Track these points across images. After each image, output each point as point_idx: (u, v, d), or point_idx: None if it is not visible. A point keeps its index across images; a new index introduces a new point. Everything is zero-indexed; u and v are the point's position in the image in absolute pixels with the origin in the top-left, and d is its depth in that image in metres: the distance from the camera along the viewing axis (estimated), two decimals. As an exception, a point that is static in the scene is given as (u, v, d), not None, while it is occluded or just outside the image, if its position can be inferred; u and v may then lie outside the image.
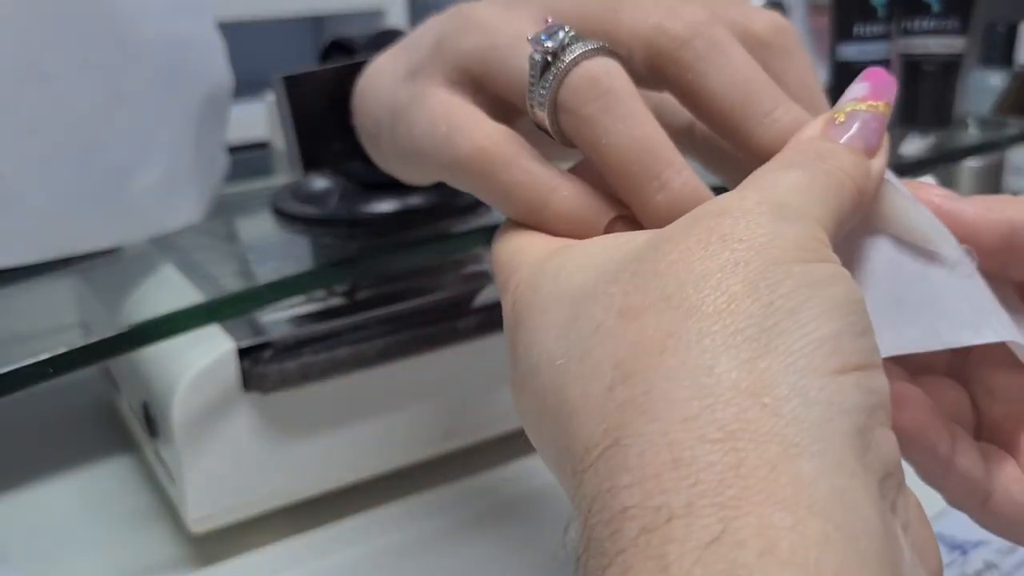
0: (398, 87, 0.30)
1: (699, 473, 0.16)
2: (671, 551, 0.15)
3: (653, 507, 0.16)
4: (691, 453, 0.16)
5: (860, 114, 0.23)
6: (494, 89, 0.27)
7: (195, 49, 0.45)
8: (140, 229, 0.43)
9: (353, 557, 0.41)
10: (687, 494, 0.16)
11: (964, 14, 0.59)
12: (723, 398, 0.17)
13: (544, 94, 0.24)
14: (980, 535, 0.40)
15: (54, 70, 0.38)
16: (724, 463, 0.16)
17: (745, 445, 0.16)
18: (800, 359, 0.17)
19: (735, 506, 0.15)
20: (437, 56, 0.28)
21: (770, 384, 0.17)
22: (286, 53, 1.02)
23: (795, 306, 0.18)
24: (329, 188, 0.46)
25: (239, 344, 0.39)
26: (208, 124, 0.45)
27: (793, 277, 0.18)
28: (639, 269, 0.20)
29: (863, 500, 0.16)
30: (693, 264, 0.19)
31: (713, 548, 0.15)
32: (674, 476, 0.16)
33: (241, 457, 0.39)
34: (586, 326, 0.20)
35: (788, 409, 0.17)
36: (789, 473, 0.16)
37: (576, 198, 0.24)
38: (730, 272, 0.18)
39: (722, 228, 0.19)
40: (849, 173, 0.22)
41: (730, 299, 0.18)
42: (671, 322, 0.18)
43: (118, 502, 0.45)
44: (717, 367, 0.17)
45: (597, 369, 0.19)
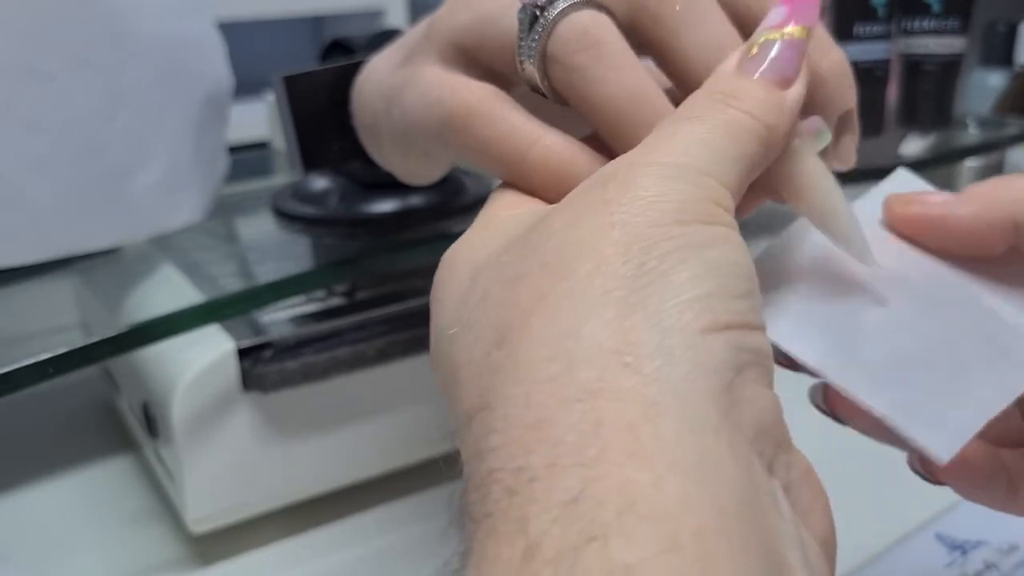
0: (393, 74, 0.30)
1: (561, 435, 0.16)
2: (531, 511, 0.15)
3: (515, 468, 0.16)
4: (552, 414, 0.16)
5: (773, 44, 0.23)
6: (486, 60, 0.26)
7: (195, 49, 0.45)
8: (140, 229, 0.43)
9: (353, 557, 0.41)
10: (549, 455, 0.16)
11: (964, 14, 0.59)
12: (584, 358, 0.17)
13: (533, 46, 0.24)
14: (980, 535, 0.40)
15: (54, 70, 0.38)
16: (585, 423, 0.16)
17: (606, 405, 0.16)
18: (667, 318, 0.17)
19: (595, 466, 0.15)
20: (429, 38, 0.28)
21: (634, 343, 0.17)
22: (286, 53, 1.02)
23: (669, 268, 0.18)
24: (329, 188, 0.46)
25: (239, 344, 0.39)
26: (208, 124, 0.45)
27: (672, 239, 0.18)
28: (528, 237, 0.20)
29: (726, 457, 0.16)
30: (573, 230, 0.19)
31: (572, 507, 0.15)
32: (536, 437, 0.16)
33: (241, 457, 0.39)
34: (476, 295, 0.20)
35: (651, 368, 0.17)
36: (649, 432, 0.16)
37: (558, 148, 0.24)
38: (604, 235, 0.18)
39: (607, 193, 0.19)
40: (755, 114, 0.21)
41: (600, 261, 0.18)
42: (544, 286, 0.18)
43: (118, 502, 0.45)
44: (583, 328, 0.17)
45: (480, 336, 0.19)
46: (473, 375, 0.19)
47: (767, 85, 0.22)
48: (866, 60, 0.58)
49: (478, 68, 0.27)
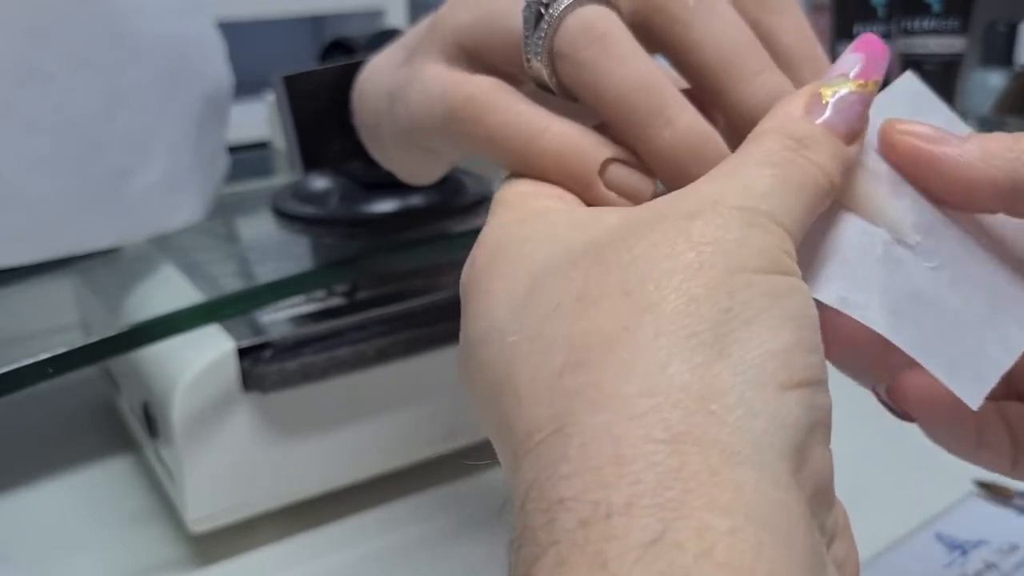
0: (395, 73, 0.30)
1: (641, 472, 0.16)
2: (610, 548, 0.15)
3: (592, 501, 0.16)
4: (635, 451, 0.16)
5: (846, 95, 0.22)
6: (490, 59, 0.26)
7: (195, 49, 0.45)
8: (140, 229, 0.43)
9: (353, 557, 0.41)
10: (628, 492, 0.16)
11: (964, 14, 0.59)
12: (672, 399, 0.17)
13: (540, 43, 0.24)
14: (980, 535, 0.40)
15: (54, 70, 0.38)
16: (667, 464, 0.16)
17: (689, 448, 0.16)
18: (750, 369, 0.17)
19: (675, 508, 0.15)
20: (432, 36, 0.28)
21: (719, 391, 0.17)
22: (286, 53, 1.02)
23: (752, 316, 0.18)
24: (329, 188, 0.46)
25: (239, 344, 0.39)
26: (208, 124, 0.45)
27: (754, 286, 0.18)
28: (602, 255, 0.19)
29: (796, 513, 0.16)
30: (658, 261, 0.19)
31: (653, 548, 0.15)
32: (615, 472, 0.16)
33: (241, 457, 0.39)
34: (543, 305, 0.19)
35: (733, 418, 0.17)
36: (729, 480, 0.16)
37: (566, 136, 0.24)
38: (693, 274, 0.18)
39: (691, 229, 0.19)
40: (824, 167, 0.21)
41: (689, 301, 0.18)
42: (628, 316, 0.18)
43: (118, 502, 0.45)
44: (669, 367, 0.17)
45: (549, 351, 0.19)
46: (541, 393, 0.18)
47: (834, 139, 0.22)
48: (866, 60, 0.58)
49: (482, 66, 0.27)
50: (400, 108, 0.29)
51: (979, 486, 0.43)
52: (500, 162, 0.25)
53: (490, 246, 0.22)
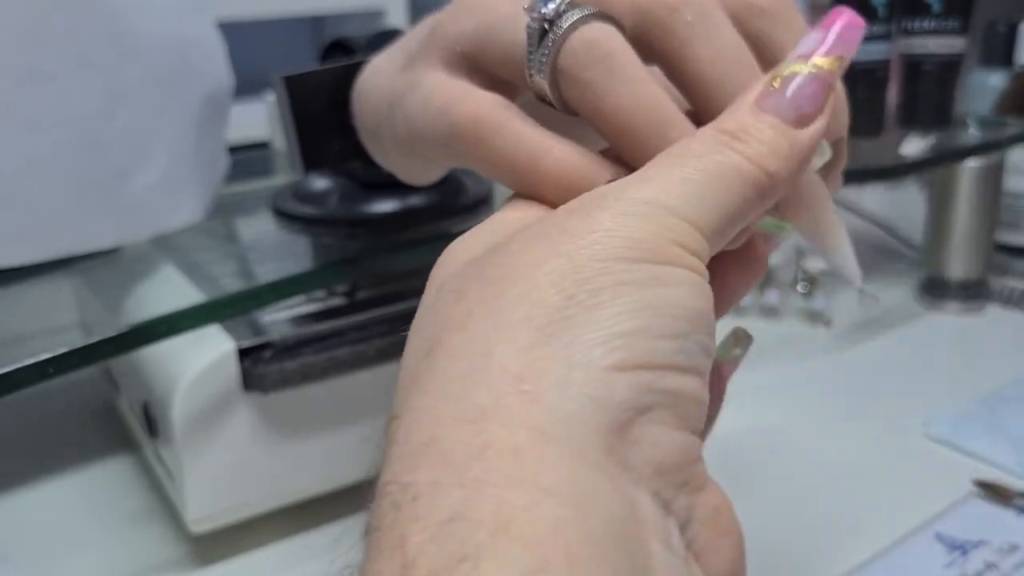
0: (395, 78, 0.30)
1: (449, 453, 0.16)
2: (411, 529, 0.15)
3: (403, 483, 0.16)
4: (445, 432, 0.16)
5: (796, 77, 0.22)
6: (491, 68, 0.26)
7: (195, 49, 0.45)
8: (140, 229, 0.43)
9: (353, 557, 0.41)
10: (433, 472, 0.16)
11: (964, 14, 0.59)
12: (485, 380, 0.17)
13: (543, 60, 0.24)
14: (980, 535, 0.40)
15: (54, 70, 0.38)
16: (473, 444, 0.16)
17: (495, 428, 0.16)
18: (577, 352, 0.17)
19: (475, 487, 0.16)
20: (432, 42, 0.27)
21: (537, 372, 0.17)
22: (286, 53, 1.02)
23: (599, 302, 0.18)
24: (329, 188, 0.46)
25: (239, 344, 0.39)
26: (208, 124, 0.45)
27: (610, 274, 0.18)
28: (487, 255, 0.20)
29: (605, 490, 0.16)
30: (525, 254, 0.19)
31: (448, 526, 0.15)
32: (425, 452, 0.16)
33: (241, 457, 0.39)
34: (431, 299, 0.20)
35: (548, 399, 0.17)
36: (532, 458, 0.16)
37: (569, 159, 0.24)
38: (545, 262, 0.19)
39: (568, 221, 0.19)
40: (755, 159, 0.21)
41: (533, 287, 0.18)
42: (474, 304, 0.19)
43: (118, 502, 0.45)
44: (496, 350, 0.17)
45: (418, 345, 0.19)
46: (404, 379, 0.19)
47: (778, 126, 0.21)
48: (866, 60, 0.58)
49: (482, 75, 0.27)
50: (400, 115, 0.29)
51: (979, 486, 0.43)
52: (499, 181, 0.25)
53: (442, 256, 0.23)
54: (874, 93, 0.59)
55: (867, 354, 0.58)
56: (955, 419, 0.49)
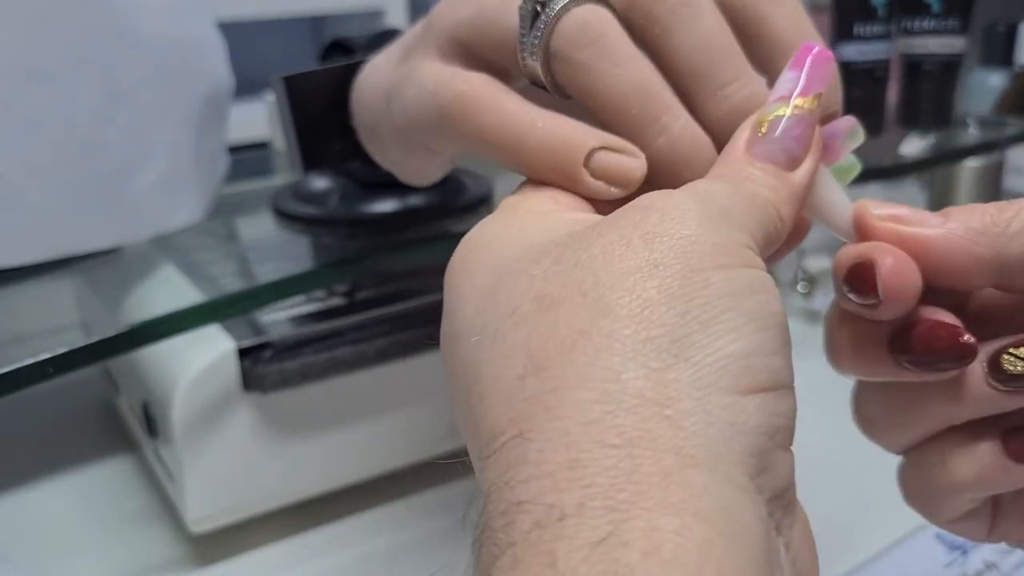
0: (392, 71, 0.30)
1: (594, 476, 0.16)
2: (560, 548, 0.15)
3: (546, 504, 0.16)
4: (588, 456, 0.16)
5: (781, 121, 0.22)
6: (486, 54, 0.26)
7: (195, 49, 0.45)
8: (140, 229, 0.43)
9: (353, 557, 0.41)
10: (580, 495, 0.16)
11: (964, 14, 0.59)
12: (626, 405, 0.17)
13: (536, 42, 0.24)
14: (980, 535, 0.40)
15: (54, 70, 0.38)
16: (619, 468, 0.16)
17: (642, 453, 0.16)
18: (708, 375, 0.17)
19: (625, 509, 0.16)
20: (429, 33, 0.28)
21: (675, 397, 0.17)
22: (286, 53, 1.02)
23: (710, 318, 0.18)
24: (329, 188, 0.46)
25: (239, 344, 0.39)
26: (208, 124, 0.45)
27: (711, 286, 0.18)
28: (562, 256, 0.20)
29: (748, 513, 0.17)
30: (613, 261, 0.19)
31: (600, 548, 0.15)
32: (569, 476, 0.16)
33: (241, 457, 0.39)
34: (503, 306, 0.20)
35: (689, 423, 0.17)
36: (680, 482, 0.16)
37: (553, 130, 0.24)
38: (647, 275, 0.18)
39: (646, 225, 0.19)
40: (768, 198, 0.21)
41: (644, 304, 0.18)
42: (585, 320, 0.18)
43: (118, 502, 0.45)
44: (625, 373, 0.17)
45: (510, 355, 0.19)
46: (502, 395, 0.18)
47: (777, 173, 0.22)
48: (866, 60, 0.58)
49: (477, 62, 0.27)
50: (396, 106, 0.29)
51: (979, 486, 0.43)
52: (493, 159, 0.25)
53: (465, 245, 0.22)
54: (874, 93, 0.59)
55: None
56: (955, 419, 0.49)
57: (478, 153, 0.26)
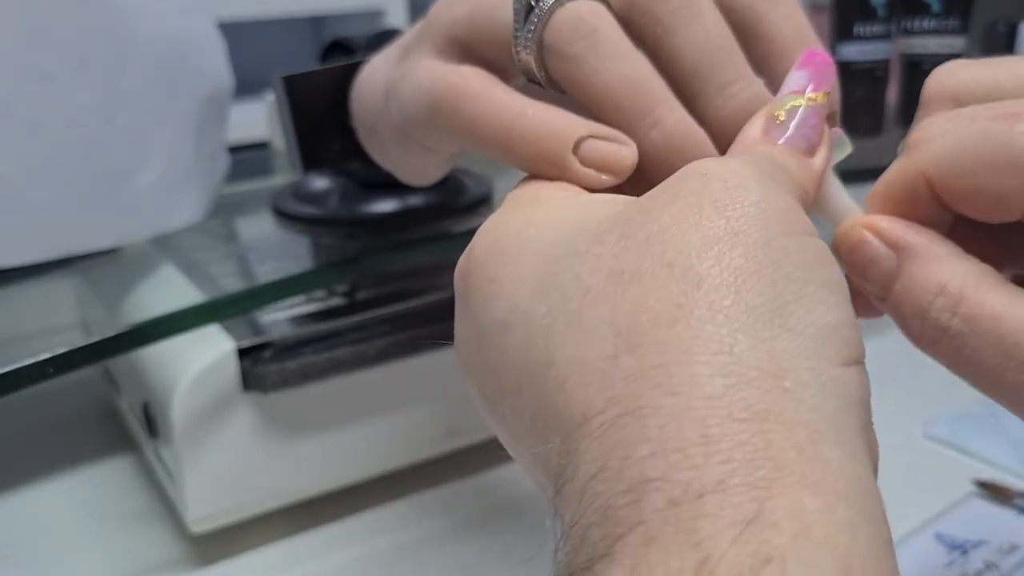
0: (391, 70, 0.30)
1: (730, 451, 0.16)
2: (703, 526, 0.15)
3: (682, 481, 0.16)
4: (720, 430, 0.16)
5: (798, 111, 0.23)
6: (482, 51, 0.26)
7: (195, 49, 0.45)
8: (140, 229, 0.43)
9: (353, 557, 0.41)
10: (719, 471, 0.16)
11: (964, 14, 0.59)
12: (746, 378, 0.17)
13: (529, 36, 0.24)
14: (980, 535, 0.40)
15: (54, 70, 0.38)
16: (753, 444, 0.16)
17: (773, 427, 0.16)
18: (812, 346, 0.17)
19: (767, 487, 0.15)
20: (427, 31, 0.28)
21: (788, 368, 0.17)
22: (286, 53, 1.02)
23: (798, 289, 0.18)
24: (329, 188, 0.46)
25: (239, 344, 0.39)
26: (208, 124, 0.45)
27: (791, 255, 0.18)
28: (627, 231, 0.19)
29: (876, 491, 0.16)
30: (689, 231, 0.18)
31: (749, 527, 0.15)
32: (703, 451, 0.16)
33: (241, 457, 0.39)
34: (571, 286, 0.19)
35: (808, 396, 0.17)
36: (816, 457, 0.16)
37: (542, 118, 0.24)
38: (730, 244, 0.18)
39: (712, 192, 0.19)
40: (797, 177, 0.21)
41: (737, 273, 0.18)
42: (677, 292, 0.18)
43: (118, 502, 0.45)
44: (736, 345, 0.17)
45: (593, 334, 0.18)
46: (591, 375, 0.18)
47: (797, 155, 0.22)
48: (866, 60, 0.58)
49: (474, 60, 0.27)
50: (394, 104, 0.29)
51: (979, 486, 0.43)
52: (484, 152, 0.25)
53: (491, 235, 0.22)
54: (874, 93, 0.59)
55: (867, 353, 0.58)
56: (955, 419, 0.49)
57: (470, 146, 0.26)
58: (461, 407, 0.44)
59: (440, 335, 0.42)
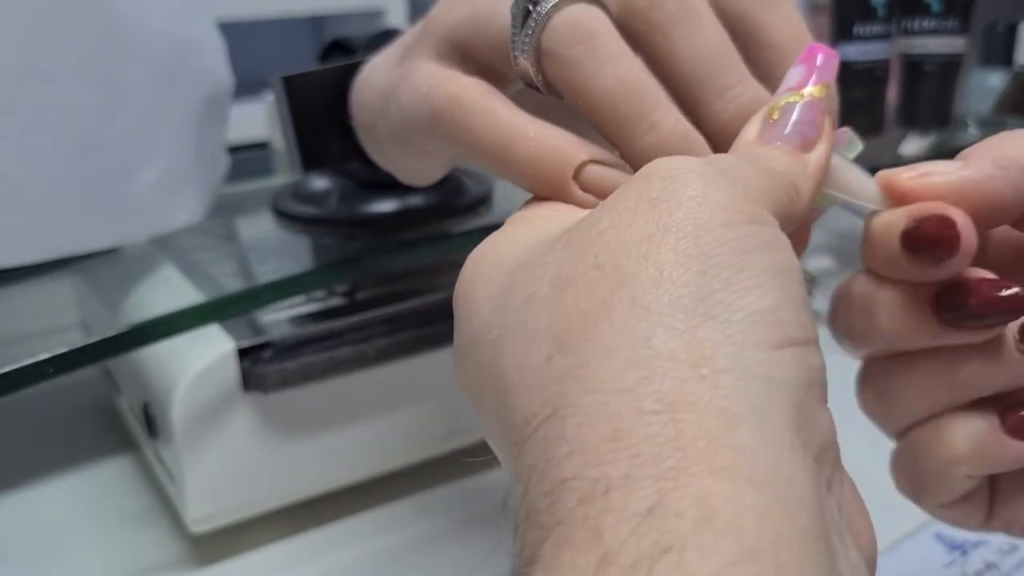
0: (391, 72, 0.30)
1: (638, 445, 0.16)
2: (608, 522, 0.15)
3: (591, 478, 0.16)
4: (629, 424, 0.16)
5: (793, 107, 0.22)
6: (480, 55, 0.26)
7: (195, 49, 0.45)
8: (140, 229, 0.43)
9: (353, 557, 0.41)
10: (625, 465, 0.16)
11: (964, 14, 0.59)
12: (660, 369, 0.16)
13: (527, 40, 0.24)
14: (980, 535, 0.40)
15: (54, 70, 0.38)
16: (663, 435, 0.16)
17: (684, 416, 0.16)
18: (739, 331, 0.17)
19: (673, 477, 0.15)
20: (426, 34, 0.28)
21: (709, 356, 0.17)
22: (286, 53, 1.02)
23: (731, 276, 0.18)
24: (329, 188, 0.46)
25: (239, 344, 0.39)
26: (208, 124, 0.45)
27: (727, 243, 0.18)
28: (572, 239, 0.19)
29: (801, 475, 0.16)
30: (623, 231, 0.19)
31: (649, 518, 0.15)
32: (612, 447, 0.16)
33: (241, 457, 0.39)
34: (520, 296, 0.19)
35: (727, 382, 0.16)
36: (728, 445, 0.16)
37: (544, 140, 0.24)
38: (659, 239, 0.18)
39: (651, 191, 0.19)
40: (780, 171, 0.21)
41: (661, 267, 0.18)
42: (604, 291, 0.18)
43: (118, 502, 0.45)
44: (654, 338, 0.17)
45: (532, 340, 0.18)
46: (530, 381, 0.18)
47: (791, 152, 0.22)
48: (866, 60, 0.58)
49: (473, 64, 0.27)
50: (393, 107, 0.29)
51: (979, 486, 0.43)
52: (483, 165, 0.25)
53: (476, 256, 0.22)
54: (874, 93, 0.59)
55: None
56: (955, 419, 0.49)
57: (469, 158, 0.26)
58: (461, 407, 0.44)
59: (440, 335, 0.43)
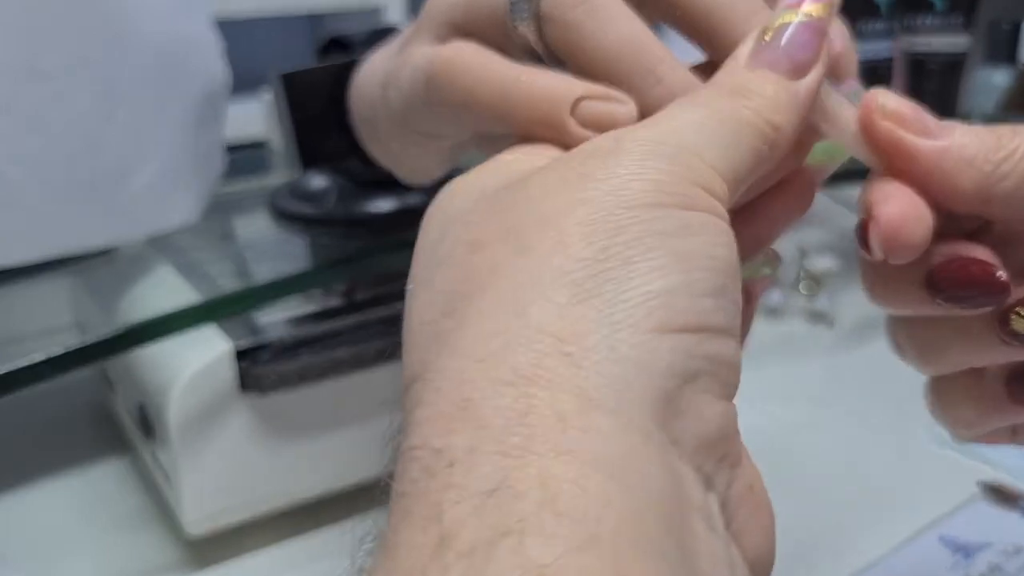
0: (389, 61, 0.30)
1: (487, 417, 0.15)
2: (448, 498, 0.14)
3: (436, 448, 0.15)
4: (480, 394, 0.15)
5: (788, 28, 0.21)
6: (481, 32, 0.26)
7: (192, 47, 0.44)
8: (137, 228, 0.43)
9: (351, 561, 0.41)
10: (471, 437, 0.15)
11: (968, 12, 0.59)
12: (524, 340, 0.16)
13: (526, 7, 0.24)
14: (984, 537, 0.40)
15: (51, 69, 0.37)
16: (514, 409, 0.15)
17: (537, 392, 0.15)
18: (621, 311, 0.16)
19: (518, 455, 0.15)
20: (425, 20, 0.28)
21: (579, 333, 0.16)
22: (284, 51, 1.02)
23: (634, 255, 0.17)
24: (327, 187, 0.46)
25: (236, 345, 0.38)
26: (205, 122, 0.45)
27: (642, 223, 0.17)
28: (499, 198, 0.19)
29: (653, 464, 0.15)
30: (543, 201, 0.18)
31: (490, 498, 0.14)
32: (461, 416, 0.15)
33: (238, 459, 0.39)
34: (441, 253, 0.19)
35: (591, 362, 0.16)
36: (578, 426, 0.15)
37: (538, 81, 0.23)
38: (571, 211, 0.18)
39: (585, 166, 0.19)
40: (762, 113, 0.20)
41: (564, 239, 0.17)
42: (502, 257, 0.17)
43: (114, 504, 0.45)
44: (530, 307, 0.16)
45: (434, 299, 0.18)
46: (419, 340, 0.18)
47: (777, 80, 0.21)
48: (869, 58, 0.58)
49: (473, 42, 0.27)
50: (393, 91, 0.29)
51: (983, 488, 0.43)
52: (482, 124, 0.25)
53: (431, 207, 0.22)
54: (877, 91, 0.59)
55: (870, 355, 0.57)
56: (959, 420, 0.49)
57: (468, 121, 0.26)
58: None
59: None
